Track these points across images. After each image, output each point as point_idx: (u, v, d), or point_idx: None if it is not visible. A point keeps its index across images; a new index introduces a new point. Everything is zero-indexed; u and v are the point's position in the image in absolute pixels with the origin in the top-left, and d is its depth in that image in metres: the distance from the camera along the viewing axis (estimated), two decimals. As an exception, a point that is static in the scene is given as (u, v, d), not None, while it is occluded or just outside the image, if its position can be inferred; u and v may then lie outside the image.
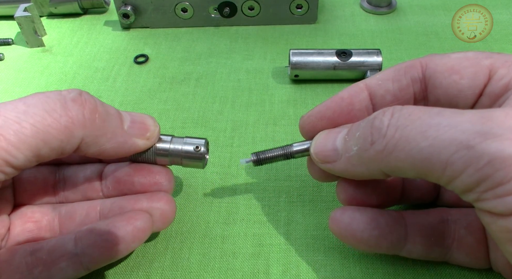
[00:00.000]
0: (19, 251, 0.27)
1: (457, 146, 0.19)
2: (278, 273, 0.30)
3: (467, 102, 0.25)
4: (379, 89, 0.27)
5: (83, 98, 0.25)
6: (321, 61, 0.43)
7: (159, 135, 0.29)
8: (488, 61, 0.24)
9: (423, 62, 0.26)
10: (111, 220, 0.27)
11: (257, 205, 0.34)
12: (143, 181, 0.29)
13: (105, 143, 0.26)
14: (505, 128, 0.18)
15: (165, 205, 0.29)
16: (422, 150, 0.20)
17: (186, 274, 0.30)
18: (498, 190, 0.19)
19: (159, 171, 0.30)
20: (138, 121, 0.28)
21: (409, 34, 0.52)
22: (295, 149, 0.29)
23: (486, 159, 0.18)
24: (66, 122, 0.24)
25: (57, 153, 0.24)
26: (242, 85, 0.45)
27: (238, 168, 0.37)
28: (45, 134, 0.23)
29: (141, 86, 0.46)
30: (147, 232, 0.28)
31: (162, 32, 0.53)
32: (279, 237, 0.32)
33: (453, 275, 0.29)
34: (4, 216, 0.29)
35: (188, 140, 0.30)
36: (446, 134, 0.19)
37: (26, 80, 0.47)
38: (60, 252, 0.26)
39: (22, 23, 0.49)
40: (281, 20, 0.53)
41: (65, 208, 0.30)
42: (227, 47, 0.51)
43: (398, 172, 0.22)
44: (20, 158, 0.23)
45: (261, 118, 0.41)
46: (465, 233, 0.27)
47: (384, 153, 0.22)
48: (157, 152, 0.29)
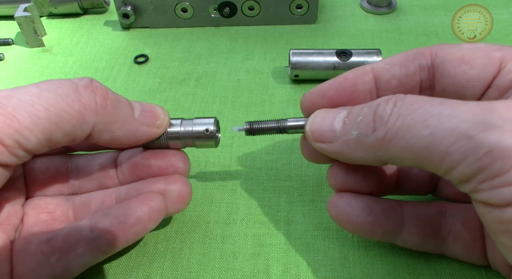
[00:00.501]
0: (33, 240, 0.27)
1: (457, 135, 0.19)
2: (278, 273, 0.30)
3: (474, 93, 0.25)
4: (385, 74, 0.27)
5: (94, 85, 0.25)
6: (321, 61, 0.43)
7: (169, 123, 0.29)
8: (500, 54, 0.24)
9: (433, 50, 0.26)
10: (126, 202, 0.27)
11: (257, 205, 0.34)
12: (160, 164, 0.29)
13: (117, 130, 0.26)
14: (505, 120, 0.18)
15: (182, 186, 0.29)
16: (422, 139, 0.20)
17: (186, 274, 0.30)
18: (495, 180, 0.19)
19: (175, 154, 0.30)
20: (148, 110, 0.28)
21: (409, 34, 0.52)
22: (289, 124, 0.29)
23: (485, 149, 0.18)
24: (79, 108, 0.24)
25: (69, 138, 0.24)
26: (242, 85, 0.45)
27: (238, 168, 0.37)
28: (58, 118, 0.23)
29: (141, 86, 0.46)
30: (162, 212, 0.28)
31: (162, 32, 0.53)
32: (279, 237, 0.32)
33: (453, 275, 0.29)
34: (18, 206, 0.29)
35: (198, 120, 0.30)
36: (447, 123, 0.19)
37: (26, 80, 0.47)
38: (76, 238, 0.26)
39: (22, 23, 0.49)
40: (281, 20, 0.53)
41: (79, 198, 0.30)
42: (227, 47, 0.51)
43: (396, 160, 0.22)
44: (32, 140, 0.22)
45: (261, 118, 0.41)
46: (462, 228, 0.27)
47: (385, 140, 0.22)
48: (168, 136, 0.29)
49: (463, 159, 0.19)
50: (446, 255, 0.29)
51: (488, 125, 0.18)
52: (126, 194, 0.29)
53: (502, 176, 0.18)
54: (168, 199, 0.28)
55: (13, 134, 0.22)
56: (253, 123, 0.30)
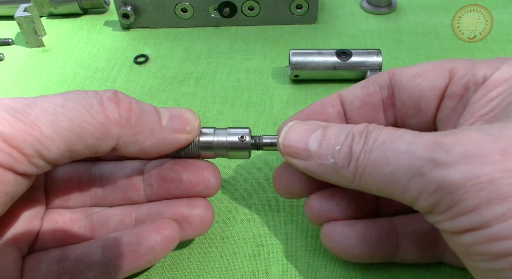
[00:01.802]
0: (45, 259, 0.26)
1: (413, 173, 0.21)
2: (278, 273, 0.30)
3: (430, 104, 0.27)
4: (349, 95, 0.29)
5: (118, 97, 0.25)
6: (321, 61, 0.43)
7: (200, 128, 0.28)
8: (450, 65, 0.26)
9: (391, 71, 0.28)
10: (140, 228, 0.27)
11: (257, 205, 0.34)
12: (191, 178, 0.28)
13: (144, 140, 0.25)
14: (452, 156, 0.20)
15: (205, 211, 0.28)
16: (385, 176, 0.22)
17: (186, 274, 0.30)
18: (448, 213, 0.20)
19: (207, 167, 0.29)
20: (177, 115, 0.27)
21: (409, 34, 0.52)
22: (264, 141, 0.29)
23: (434, 185, 0.20)
24: (103, 120, 0.23)
25: (91, 151, 0.24)
26: (242, 85, 0.45)
27: (238, 168, 0.37)
28: (81, 129, 0.22)
29: (141, 86, 0.46)
30: (175, 241, 0.27)
31: (162, 32, 0.53)
32: (279, 237, 0.32)
33: (453, 275, 0.29)
34: (36, 220, 0.28)
35: (232, 130, 0.29)
36: (404, 161, 0.21)
37: (26, 80, 0.47)
38: (87, 262, 0.26)
39: (22, 23, 0.49)
40: (281, 20, 0.53)
41: (97, 214, 0.29)
42: (227, 47, 0.51)
43: (368, 191, 0.24)
44: (53, 150, 0.22)
45: (261, 118, 0.41)
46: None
47: (356, 175, 0.23)
48: (201, 145, 0.28)
49: (419, 194, 0.21)
50: (446, 263, 0.29)
51: (437, 162, 0.20)
52: (146, 215, 0.28)
53: (453, 209, 0.20)
54: (190, 224, 0.28)
55: (34, 143, 0.21)
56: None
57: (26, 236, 0.27)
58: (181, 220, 0.28)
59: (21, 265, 0.26)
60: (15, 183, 0.22)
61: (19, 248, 0.27)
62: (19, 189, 0.23)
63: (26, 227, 0.27)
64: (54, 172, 0.30)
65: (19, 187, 0.22)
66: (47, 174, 0.30)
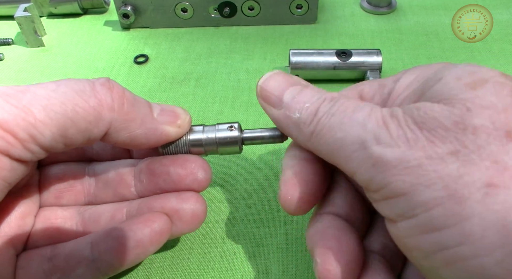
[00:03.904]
0: (36, 257, 0.26)
1: (359, 144, 0.21)
2: (278, 273, 0.30)
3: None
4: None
5: (111, 83, 0.25)
6: (321, 61, 0.43)
7: (190, 124, 0.28)
8: (360, 87, 0.27)
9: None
10: (128, 222, 0.27)
11: (257, 205, 0.34)
12: (179, 171, 0.28)
13: (135, 129, 0.25)
14: (393, 137, 0.20)
15: (196, 205, 0.28)
16: (336, 141, 0.22)
17: (186, 274, 0.30)
18: (381, 192, 0.20)
19: (195, 160, 0.28)
20: (168, 109, 0.27)
21: (409, 34, 0.52)
22: (245, 135, 0.29)
23: (372, 161, 0.20)
24: (95, 104, 0.23)
25: (85, 136, 0.24)
26: (242, 85, 0.45)
27: (238, 168, 0.37)
28: (73, 113, 0.23)
29: (141, 86, 0.46)
30: (165, 234, 0.27)
31: (162, 32, 0.53)
32: (279, 237, 0.32)
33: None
34: (29, 217, 0.28)
35: (220, 126, 0.29)
36: (356, 131, 0.21)
37: (26, 80, 0.47)
38: (77, 259, 0.26)
39: (22, 23, 0.49)
40: (281, 20, 0.53)
41: (89, 211, 0.29)
42: (227, 47, 0.51)
43: (318, 154, 0.24)
44: (47, 135, 0.22)
45: (261, 118, 0.41)
46: None
47: (314, 134, 0.23)
48: (191, 143, 0.28)
49: (358, 166, 0.21)
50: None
51: (379, 139, 0.20)
52: (137, 210, 0.28)
53: (384, 189, 0.20)
54: (181, 219, 0.27)
55: (27, 127, 0.21)
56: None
57: (20, 233, 0.27)
58: (171, 214, 0.27)
59: (15, 263, 0.26)
60: (11, 168, 0.22)
61: (14, 246, 0.27)
62: (15, 175, 0.23)
63: (19, 224, 0.28)
64: (48, 170, 0.30)
65: (15, 173, 0.23)
66: (41, 172, 0.30)
